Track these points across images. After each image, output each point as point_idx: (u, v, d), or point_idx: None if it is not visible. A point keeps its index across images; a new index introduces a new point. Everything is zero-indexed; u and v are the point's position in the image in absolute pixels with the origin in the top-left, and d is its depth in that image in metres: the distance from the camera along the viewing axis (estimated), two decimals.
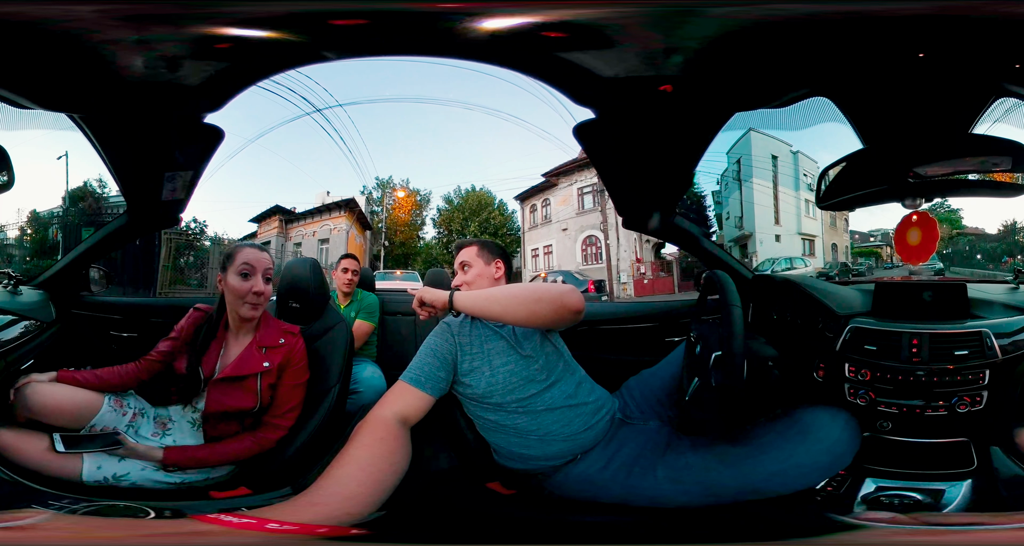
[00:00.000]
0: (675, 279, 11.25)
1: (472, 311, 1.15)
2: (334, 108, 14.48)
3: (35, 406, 1.15)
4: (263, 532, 0.73)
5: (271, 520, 0.76)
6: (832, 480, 1.17)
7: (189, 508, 1.08)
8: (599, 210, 11.39)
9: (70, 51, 0.91)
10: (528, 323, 1.13)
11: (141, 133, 1.29)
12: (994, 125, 1.14)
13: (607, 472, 1.13)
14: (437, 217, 15.72)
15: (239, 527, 0.75)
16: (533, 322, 1.12)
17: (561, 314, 1.09)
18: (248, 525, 0.75)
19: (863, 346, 1.21)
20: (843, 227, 11.13)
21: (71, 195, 9.17)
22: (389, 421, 1.05)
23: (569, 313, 1.09)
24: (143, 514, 0.89)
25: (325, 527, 0.76)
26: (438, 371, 1.16)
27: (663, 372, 1.42)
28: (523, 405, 1.17)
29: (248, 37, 0.89)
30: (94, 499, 1.06)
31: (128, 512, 0.97)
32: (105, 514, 0.95)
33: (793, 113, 1.16)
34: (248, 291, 1.24)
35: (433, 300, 1.19)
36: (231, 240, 10.75)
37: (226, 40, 0.90)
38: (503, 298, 1.12)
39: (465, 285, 1.28)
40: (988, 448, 1.16)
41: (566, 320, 1.11)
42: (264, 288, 1.26)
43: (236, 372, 1.24)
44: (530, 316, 1.10)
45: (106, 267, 2.12)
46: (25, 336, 1.41)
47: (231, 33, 0.89)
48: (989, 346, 1.13)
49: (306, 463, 1.24)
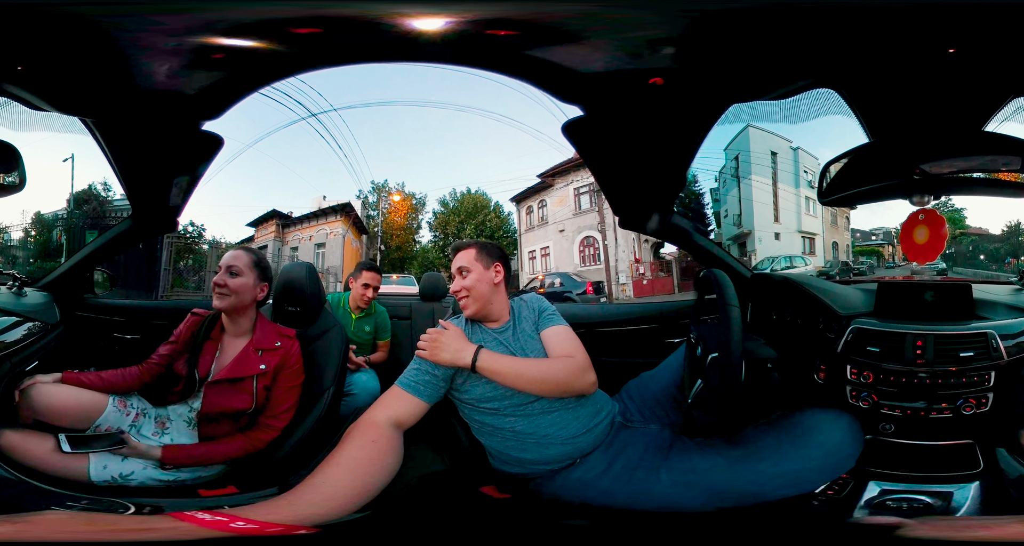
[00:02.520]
0: (675, 279, 11.22)
1: (495, 379, 1.11)
2: (329, 113, 14.50)
3: (40, 407, 1.17)
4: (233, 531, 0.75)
5: (239, 518, 0.77)
6: (834, 483, 1.16)
7: (170, 506, 1.09)
8: (596, 210, 11.37)
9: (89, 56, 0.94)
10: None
11: (150, 139, 1.34)
12: (1003, 124, 1.11)
13: (608, 476, 1.12)
14: (433, 220, 15.74)
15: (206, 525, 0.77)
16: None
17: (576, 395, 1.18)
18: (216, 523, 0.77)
19: (866, 347, 1.20)
20: (844, 225, 11.10)
21: (76, 198, 9.23)
22: (381, 424, 1.05)
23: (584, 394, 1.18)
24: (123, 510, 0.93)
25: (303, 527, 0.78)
26: (434, 378, 1.14)
27: (663, 375, 1.41)
28: (520, 409, 1.15)
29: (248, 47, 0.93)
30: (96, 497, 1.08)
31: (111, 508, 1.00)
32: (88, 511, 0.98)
33: (794, 105, 1.14)
34: (214, 284, 1.30)
35: (454, 359, 1.10)
36: (228, 244, 10.84)
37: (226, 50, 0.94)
38: (527, 380, 1.11)
39: (465, 291, 1.23)
40: (994, 450, 1.14)
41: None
42: (224, 280, 1.30)
43: (232, 374, 1.27)
44: (546, 396, 1.15)
45: (109, 270, 2.14)
46: (30, 338, 1.43)
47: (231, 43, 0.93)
48: (995, 347, 1.12)
49: (296, 464, 1.25)
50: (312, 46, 0.93)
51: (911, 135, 1.12)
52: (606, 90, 1.03)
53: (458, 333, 1.15)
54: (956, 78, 0.99)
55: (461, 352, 1.11)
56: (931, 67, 0.95)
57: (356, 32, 0.90)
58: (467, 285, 1.23)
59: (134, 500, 1.05)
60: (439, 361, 1.11)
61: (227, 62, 0.97)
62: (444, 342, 1.12)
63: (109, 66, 0.98)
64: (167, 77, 1.01)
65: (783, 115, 1.23)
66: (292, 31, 0.89)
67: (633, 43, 0.88)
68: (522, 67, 0.97)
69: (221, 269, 1.31)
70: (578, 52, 0.91)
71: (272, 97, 10.21)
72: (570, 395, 1.16)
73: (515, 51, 0.91)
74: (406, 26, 0.86)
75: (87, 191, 9.33)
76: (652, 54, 0.91)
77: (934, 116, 1.10)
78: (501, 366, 1.11)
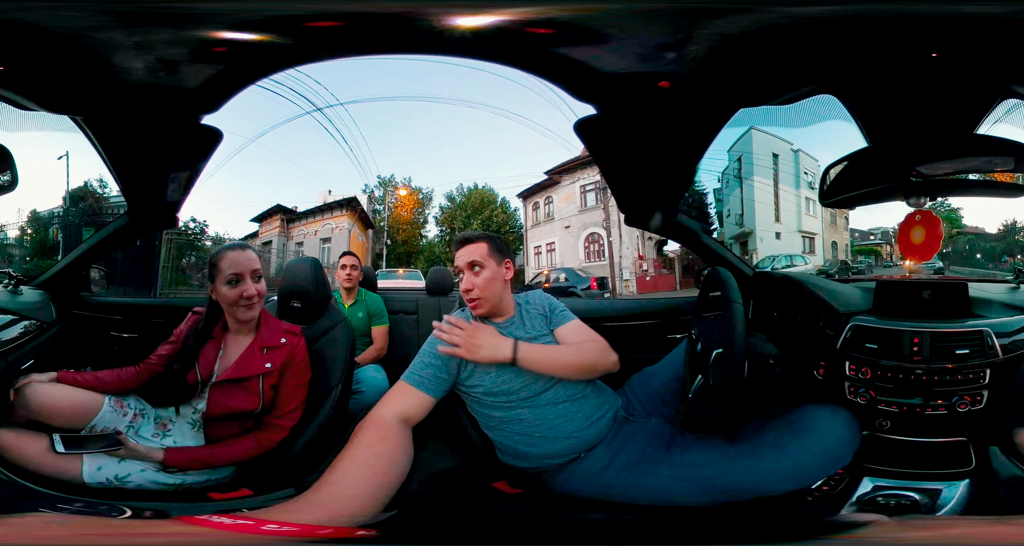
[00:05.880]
0: (677, 276, 11.26)
1: (534, 369, 1.14)
2: (335, 107, 14.46)
3: (35, 406, 1.14)
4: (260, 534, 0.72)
5: (270, 521, 0.74)
6: (829, 479, 1.18)
7: (176, 510, 1.07)
8: (602, 208, 11.39)
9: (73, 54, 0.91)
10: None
11: (142, 135, 1.29)
12: (995, 125, 1.14)
13: (611, 470, 1.13)
14: (439, 215, 15.73)
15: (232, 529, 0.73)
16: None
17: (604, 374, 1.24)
18: (244, 527, 0.73)
19: (864, 344, 1.21)
20: (843, 225, 11.12)
21: (71, 195, 9.18)
22: (389, 421, 1.04)
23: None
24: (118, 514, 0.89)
25: (328, 528, 0.76)
26: (440, 372, 1.14)
27: (665, 369, 1.41)
28: (527, 401, 1.16)
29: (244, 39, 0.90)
30: (95, 500, 1.06)
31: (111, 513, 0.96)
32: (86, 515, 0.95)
33: (797, 110, 1.15)
34: (239, 297, 1.22)
35: (493, 355, 1.10)
36: (232, 239, 10.73)
37: (222, 43, 0.91)
38: (565, 366, 1.17)
39: (478, 290, 1.18)
40: (987, 448, 1.16)
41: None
42: (254, 289, 1.24)
43: (238, 374, 1.23)
44: (581, 378, 1.21)
45: (106, 267, 2.11)
46: (25, 336, 1.41)
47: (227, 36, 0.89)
48: (990, 345, 1.14)
49: (308, 464, 1.23)
50: (322, 39, 0.91)
51: (908, 139, 1.14)
52: (622, 90, 1.03)
53: (489, 329, 1.16)
54: (948, 84, 1.01)
55: (499, 347, 1.12)
56: (925, 74, 0.97)
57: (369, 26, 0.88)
58: (479, 283, 1.18)
59: (132, 504, 1.03)
60: (478, 359, 1.12)
61: (228, 54, 0.94)
62: (480, 339, 1.13)
63: (96, 62, 0.93)
64: (162, 71, 0.97)
65: (787, 119, 1.25)
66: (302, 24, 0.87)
67: (653, 47, 0.89)
68: (542, 64, 0.97)
69: (244, 277, 1.22)
70: (601, 52, 0.91)
71: (276, 91, 10.16)
72: (599, 374, 1.22)
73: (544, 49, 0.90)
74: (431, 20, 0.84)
75: (83, 188, 9.29)
76: (670, 58, 0.91)
77: (929, 120, 1.12)
78: (540, 355, 1.14)
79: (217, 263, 1.24)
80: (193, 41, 0.91)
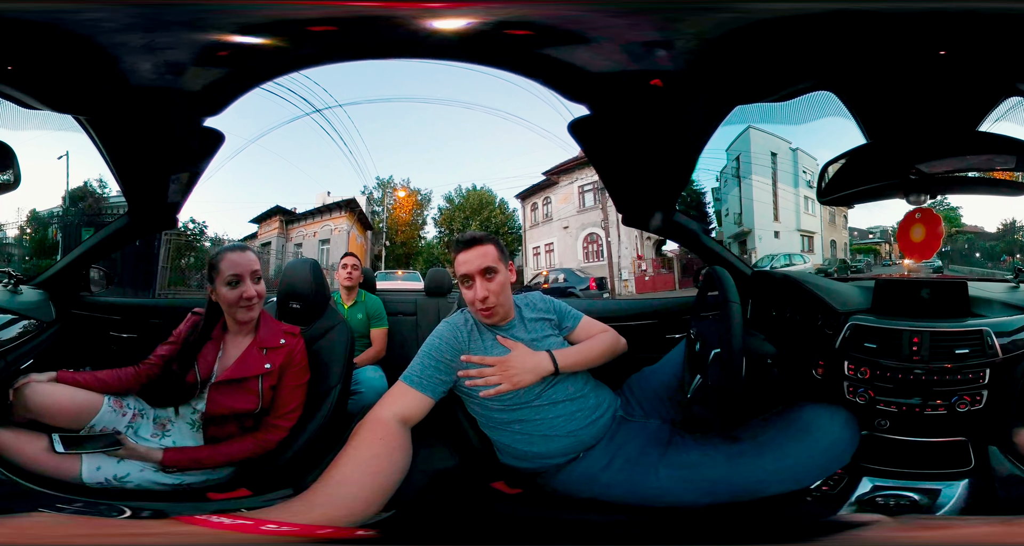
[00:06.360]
0: (676, 276, 11.27)
1: (574, 370, 1.22)
2: (334, 108, 14.47)
3: (34, 406, 1.14)
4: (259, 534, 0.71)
5: (269, 521, 0.74)
6: (828, 479, 1.17)
7: (174, 510, 1.07)
8: (600, 208, 11.40)
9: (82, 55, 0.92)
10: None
11: (145, 136, 1.30)
12: (997, 123, 1.13)
13: (610, 470, 1.13)
14: (438, 216, 15.74)
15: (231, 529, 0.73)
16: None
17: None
18: (242, 527, 0.73)
19: (863, 344, 1.21)
20: (842, 224, 11.13)
21: (71, 195, 9.18)
22: (388, 421, 1.04)
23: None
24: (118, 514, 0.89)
25: (327, 528, 0.76)
26: (439, 373, 1.14)
27: (664, 369, 1.41)
28: (526, 401, 1.16)
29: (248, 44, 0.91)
30: (94, 500, 1.06)
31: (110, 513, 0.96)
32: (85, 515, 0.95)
33: (795, 107, 1.15)
34: (239, 298, 1.23)
35: (537, 374, 1.13)
36: (231, 240, 10.74)
37: (227, 46, 0.92)
38: (595, 358, 1.27)
39: (493, 296, 1.15)
40: (986, 448, 1.16)
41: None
42: (254, 290, 1.24)
43: (237, 374, 1.23)
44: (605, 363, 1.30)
45: (106, 267, 2.11)
46: (25, 336, 1.41)
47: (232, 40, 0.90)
48: (990, 345, 1.13)
49: (307, 464, 1.23)
50: (321, 43, 0.92)
51: (907, 136, 1.14)
52: (614, 90, 1.03)
53: (516, 352, 1.17)
54: (950, 81, 1.00)
55: (540, 365, 1.16)
56: (925, 70, 0.96)
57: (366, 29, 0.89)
58: (495, 290, 1.15)
59: (131, 504, 1.03)
60: (526, 385, 1.14)
61: (230, 58, 0.95)
62: (517, 367, 1.15)
63: (102, 63, 0.95)
64: (166, 73, 0.99)
65: (784, 116, 1.25)
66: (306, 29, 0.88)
67: (642, 45, 0.89)
68: (532, 66, 0.97)
69: (243, 278, 1.23)
70: (588, 52, 0.91)
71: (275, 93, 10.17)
72: (615, 357, 1.33)
73: (526, 50, 0.90)
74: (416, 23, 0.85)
75: (83, 188, 9.29)
76: (661, 56, 0.92)
77: (929, 117, 1.12)
78: (576, 358, 1.22)
79: (217, 264, 1.25)
80: (199, 45, 0.92)
